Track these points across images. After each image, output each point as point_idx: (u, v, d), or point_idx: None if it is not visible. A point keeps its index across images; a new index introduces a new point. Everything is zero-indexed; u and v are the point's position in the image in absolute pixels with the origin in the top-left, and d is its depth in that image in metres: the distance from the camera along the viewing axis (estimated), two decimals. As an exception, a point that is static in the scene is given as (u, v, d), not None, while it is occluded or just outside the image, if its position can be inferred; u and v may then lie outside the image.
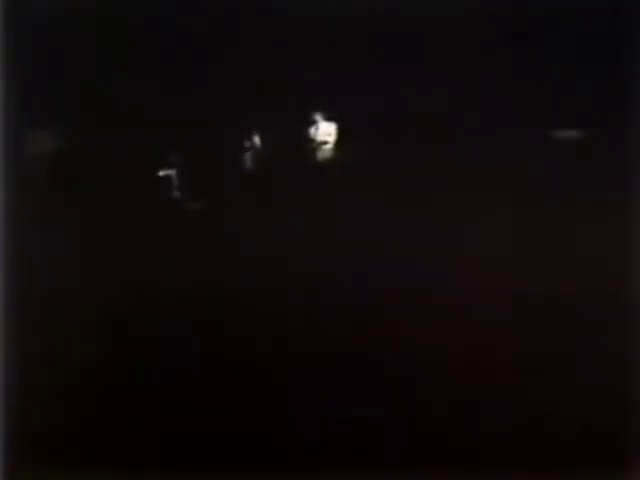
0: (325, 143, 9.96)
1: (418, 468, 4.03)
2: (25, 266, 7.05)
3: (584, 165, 7.40)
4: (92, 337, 6.79)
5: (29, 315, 6.85)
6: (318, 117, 10.06)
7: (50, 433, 4.36)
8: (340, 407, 4.83)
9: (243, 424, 4.63)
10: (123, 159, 8.07)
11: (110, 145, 8.12)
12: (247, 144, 9.42)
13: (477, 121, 7.81)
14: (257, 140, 9.59)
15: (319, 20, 8.12)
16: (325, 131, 10.09)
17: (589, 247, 7.28)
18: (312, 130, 10.01)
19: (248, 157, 9.35)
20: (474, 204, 7.65)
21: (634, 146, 6.49)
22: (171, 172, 8.71)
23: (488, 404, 4.82)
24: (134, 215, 8.02)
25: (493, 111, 7.70)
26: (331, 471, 4.08)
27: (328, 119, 10.02)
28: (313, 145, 10.12)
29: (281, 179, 8.55)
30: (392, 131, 8.50)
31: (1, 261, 5.41)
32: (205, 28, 8.10)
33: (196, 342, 6.34)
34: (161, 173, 8.60)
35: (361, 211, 7.81)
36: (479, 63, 7.91)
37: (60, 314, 7.60)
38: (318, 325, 6.03)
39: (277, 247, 7.44)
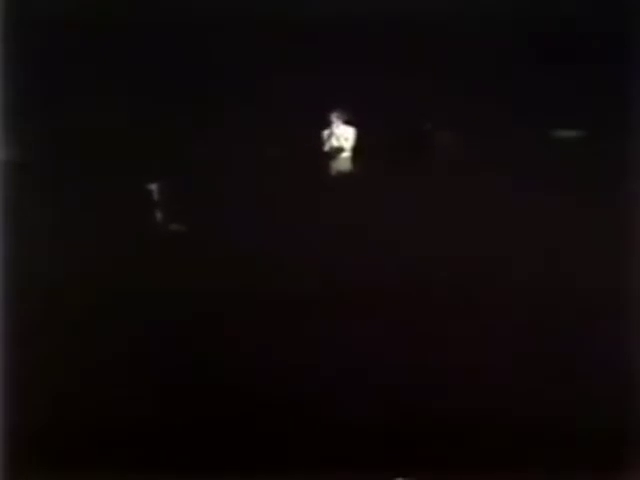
0: (341, 150, 9.26)
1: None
2: (25, 266, 7.05)
3: (584, 165, 7.39)
4: (92, 338, 6.79)
5: (29, 315, 6.85)
6: (333, 120, 9.24)
7: (50, 433, 4.36)
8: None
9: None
10: (121, 159, 8.05)
11: (109, 144, 8.11)
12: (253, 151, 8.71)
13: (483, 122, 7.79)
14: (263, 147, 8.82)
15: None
16: (341, 136, 9.31)
17: (589, 245, 7.28)
18: (326, 135, 9.25)
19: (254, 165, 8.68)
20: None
21: (634, 146, 6.49)
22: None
23: (487, 403, 4.82)
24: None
25: (496, 112, 7.70)
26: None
27: (346, 122, 9.25)
28: (327, 152, 9.31)
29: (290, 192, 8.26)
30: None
31: (1, 261, 5.41)
32: (207, 29, 8.06)
33: (190, 346, 6.37)
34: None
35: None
36: (482, 64, 7.90)
37: (60, 314, 7.60)
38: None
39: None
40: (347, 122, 9.31)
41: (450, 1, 7.66)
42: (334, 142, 9.33)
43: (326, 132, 9.26)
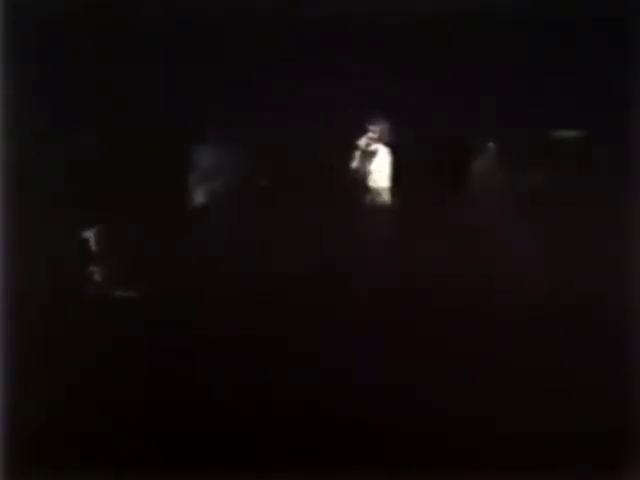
0: (369, 174, 7.73)
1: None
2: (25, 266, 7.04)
3: (584, 165, 7.39)
4: (92, 338, 6.79)
5: (29, 315, 6.84)
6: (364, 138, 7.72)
7: (50, 433, 4.36)
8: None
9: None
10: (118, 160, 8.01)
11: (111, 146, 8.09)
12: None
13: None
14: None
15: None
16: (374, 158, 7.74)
17: (589, 246, 7.28)
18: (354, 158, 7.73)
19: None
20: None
21: (634, 146, 6.49)
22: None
23: (488, 403, 4.82)
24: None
25: (496, 112, 7.69)
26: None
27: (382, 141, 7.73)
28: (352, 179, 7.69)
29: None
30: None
31: (1, 261, 5.41)
32: (209, 31, 8.02)
33: (189, 347, 6.38)
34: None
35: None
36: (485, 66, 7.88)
37: (60, 314, 7.59)
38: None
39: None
40: (384, 141, 7.79)
41: (449, 1, 7.65)
42: (363, 165, 7.75)
43: (356, 154, 7.82)
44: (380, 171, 7.67)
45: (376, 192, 7.67)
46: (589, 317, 6.75)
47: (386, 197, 7.67)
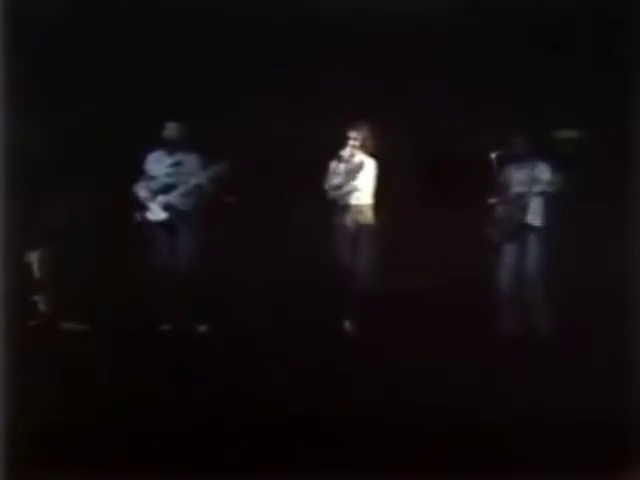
0: (352, 192, 6.99)
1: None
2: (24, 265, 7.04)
3: (584, 165, 7.39)
4: (92, 338, 6.80)
5: (28, 315, 6.84)
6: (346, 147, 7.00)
7: (50, 433, 4.36)
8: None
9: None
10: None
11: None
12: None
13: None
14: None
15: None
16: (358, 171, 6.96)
17: (590, 245, 7.28)
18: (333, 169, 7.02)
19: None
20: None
21: (634, 146, 6.49)
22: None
23: (488, 404, 4.83)
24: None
25: (496, 112, 7.69)
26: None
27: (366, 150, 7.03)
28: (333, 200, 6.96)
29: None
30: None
31: (1, 261, 5.41)
32: (210, 31, 8.00)
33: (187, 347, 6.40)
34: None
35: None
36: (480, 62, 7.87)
37: (59, 315, 7.59)
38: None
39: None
40: (367, 150, 7.07)
41: (449, 1, 7.65)
42: (345, 180, 6.96)
43: (333, 165, 7.09)
44: (366, 182, 7.15)
45: (360, 206, 7.20)
46: (589, 317, 6.75)
47: (370, 212, 7.25)
